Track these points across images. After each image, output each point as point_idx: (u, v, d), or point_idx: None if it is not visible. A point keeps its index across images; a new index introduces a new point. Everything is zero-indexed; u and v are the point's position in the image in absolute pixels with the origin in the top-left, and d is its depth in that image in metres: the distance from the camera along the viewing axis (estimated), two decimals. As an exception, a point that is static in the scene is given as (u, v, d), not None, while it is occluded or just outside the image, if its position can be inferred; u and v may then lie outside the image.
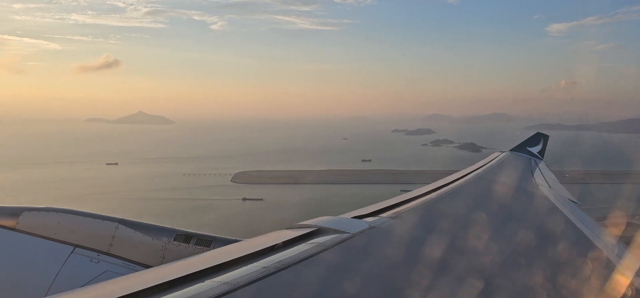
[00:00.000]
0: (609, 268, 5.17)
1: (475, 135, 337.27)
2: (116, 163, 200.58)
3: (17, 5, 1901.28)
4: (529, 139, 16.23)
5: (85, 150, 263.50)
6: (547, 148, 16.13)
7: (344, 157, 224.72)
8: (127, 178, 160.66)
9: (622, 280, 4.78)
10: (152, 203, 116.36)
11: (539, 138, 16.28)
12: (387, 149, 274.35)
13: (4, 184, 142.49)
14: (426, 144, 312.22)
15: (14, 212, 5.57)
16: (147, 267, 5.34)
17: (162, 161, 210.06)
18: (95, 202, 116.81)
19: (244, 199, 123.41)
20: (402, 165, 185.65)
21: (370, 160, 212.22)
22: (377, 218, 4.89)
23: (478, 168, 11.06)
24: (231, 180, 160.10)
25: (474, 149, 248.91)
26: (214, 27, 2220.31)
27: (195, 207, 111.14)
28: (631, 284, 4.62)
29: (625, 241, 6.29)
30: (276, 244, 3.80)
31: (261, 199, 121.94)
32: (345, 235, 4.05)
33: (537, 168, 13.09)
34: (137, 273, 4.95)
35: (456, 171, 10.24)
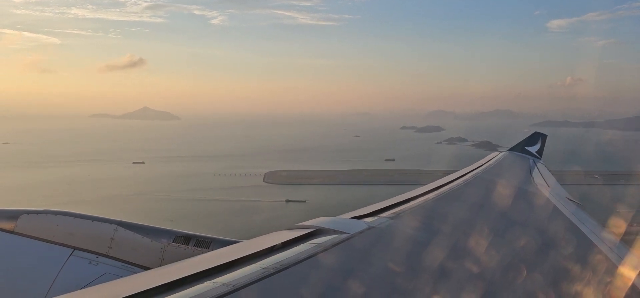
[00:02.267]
0: (609, 268, 5.14)
1: (486, 133, 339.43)
2: (143, 162, 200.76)
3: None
4: (527, 138, 16.07)
5: (101, 147, 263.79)
6: (560, 146, 16.69)
7: (364, 156, 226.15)
8: (159, 178, 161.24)
9: (623, 280, 4.79)
10: (197, 205, 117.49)
11: (538, 137, 16.07)
12: (403, 147, 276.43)
13: (41, 184, 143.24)
14: (441, 142, 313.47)
15: (13, 215, 5.55)
16: (146, 268, 5.34)
17: (187, 160, 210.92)
18: (143, 202, 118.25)
19: (287, 201, 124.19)
20: (426, 165, 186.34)
21: (393, 160, 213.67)
22: (376, 218, 4.94)
23: (477, 168, 11.09)
24: (263, 180, 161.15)
25: (491, 148, 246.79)
26: (214, 22, 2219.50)
27: (240, 209, 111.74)
28: (632, 285, 4.59)
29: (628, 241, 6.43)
30: (275, 245, 3.82)
31: (304, 201, 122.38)
32: (345, 236, 4.08)
33: (536, 168, 13.07)
34: (136, 275, 4.93)
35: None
